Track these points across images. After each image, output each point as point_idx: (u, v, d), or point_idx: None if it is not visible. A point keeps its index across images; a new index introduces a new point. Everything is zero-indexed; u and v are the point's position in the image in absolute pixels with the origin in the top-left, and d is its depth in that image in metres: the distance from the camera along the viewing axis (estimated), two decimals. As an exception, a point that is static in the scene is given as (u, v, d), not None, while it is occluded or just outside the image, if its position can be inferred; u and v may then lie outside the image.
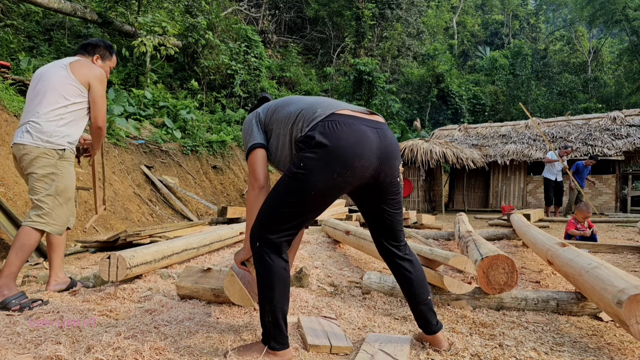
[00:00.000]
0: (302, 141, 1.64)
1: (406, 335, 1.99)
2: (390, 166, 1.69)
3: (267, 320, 1.66)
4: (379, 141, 1.64)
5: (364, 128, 1.62)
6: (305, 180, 1.58)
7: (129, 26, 13.31)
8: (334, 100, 1.79)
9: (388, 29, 20.58)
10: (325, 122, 1.61)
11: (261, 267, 1.65)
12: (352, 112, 1.66)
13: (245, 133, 1.88)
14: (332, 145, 1.56)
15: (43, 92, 2.64)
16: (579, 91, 24.24)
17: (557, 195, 8.94)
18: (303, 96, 1.88)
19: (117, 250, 2.79)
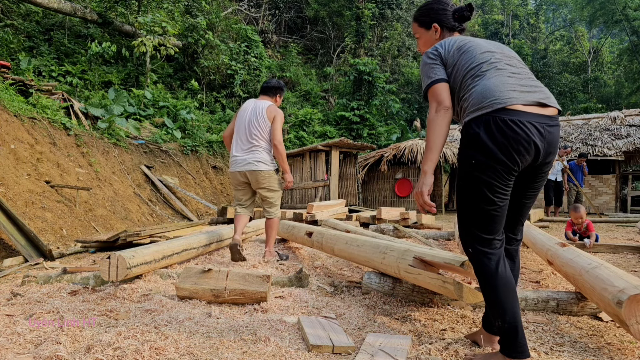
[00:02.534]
0: (467, 131, 1.66)
1: (406, 335, 1.99)
2: (546, 162, 1.70)
3: (498, 325, 1.63)
4: (543, 140, 1.62)
5: (530, 128, 1.59)
6: (478, 179, 1.62)
7: (129, 26, 13.31)
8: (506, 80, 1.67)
9: (388, 29, 20.58)
10: (490, 118, 1.60)
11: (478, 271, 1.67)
12: (522, 107, 1.60)
13: (425, 68, 1.80)
14: (495, 148, 1.58)
15: None
16: (579, 91, 24.25)
17: (557, 195, 8.94)
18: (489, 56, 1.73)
19: (117, 250, 2.79)
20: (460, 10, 1.92)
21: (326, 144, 10.77)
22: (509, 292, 1.61)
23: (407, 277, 2.39)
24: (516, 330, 1.58)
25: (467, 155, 1.66)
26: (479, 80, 1.68)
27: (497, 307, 1.62)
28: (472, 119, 1.65)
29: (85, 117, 9.45)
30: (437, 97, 1.72)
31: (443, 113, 1.69)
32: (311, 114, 16.05)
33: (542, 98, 1.65)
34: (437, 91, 1.72)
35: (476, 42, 1.79)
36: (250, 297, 2.44)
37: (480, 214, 1.66)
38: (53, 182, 6.56)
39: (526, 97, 1.63)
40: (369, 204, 13.56)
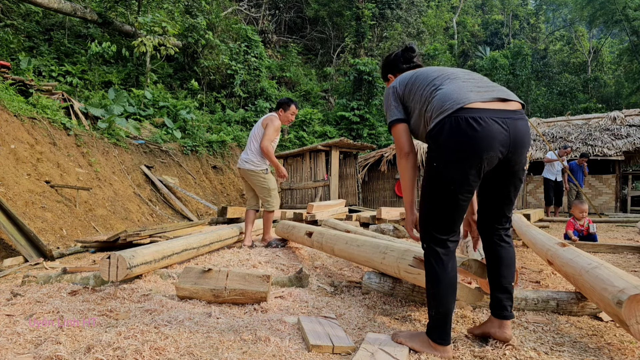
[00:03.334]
0: (431, 137, 1.73)
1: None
2: (519, 154, 1.74)
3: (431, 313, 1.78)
4: (508, 132, 1.66)
5: (492, 123, 1.64)
6: (442, 178, 1.70)
7: (129, 26, 13.32)
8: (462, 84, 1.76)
9: (388, 29, 20.58)
10: (452, 118, 1.65)
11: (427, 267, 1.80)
12: (482, 105, 1.67)
13: (385, 106, 2.01)
14: (460, 143, 1.64)
15: None
16: (579, 91, 24.24)
17: (557, 195, 8.94)
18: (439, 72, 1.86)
19: (117, 250, 2.79)
20: (403, 54, 2.18)
21: (326, 144, 10.77)
22: (450, 290, 1.75)
23: (407, 277, 2.39)
24: (445, 322, 1.75)
25: (432, 157, 1.74)
26: (436, 92, 1.77)
27: (435, 300, 1.76)
28: (435, 124, 1.71)
29: (85, 117, 9.45)
30: (398, 143, 1.90)
31: (405, 159, 1.88)
32: (311, 114, 16.05)
33: (501, 95, 1.71)
34: (396, 135, 1.91)
35: (427, 69, 1.95)
36: (250, 297, 2.44)
37: (439, 214, 1.75)
38: (53, 182, 6.56)
39: (484, 95, 1.70)
40: (369, 204, 13.56)
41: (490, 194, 1.88)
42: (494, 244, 1.93)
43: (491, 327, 1.91)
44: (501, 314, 1.88)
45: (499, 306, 1.89)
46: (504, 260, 1.91)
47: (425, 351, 1.77)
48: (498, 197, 1.87)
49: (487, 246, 1.96)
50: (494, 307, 1.92)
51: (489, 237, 1.95)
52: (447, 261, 1.75)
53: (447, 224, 1.75)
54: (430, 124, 1.75)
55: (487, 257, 1.96)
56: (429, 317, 1.80)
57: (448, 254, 1.76)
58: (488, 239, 1.95)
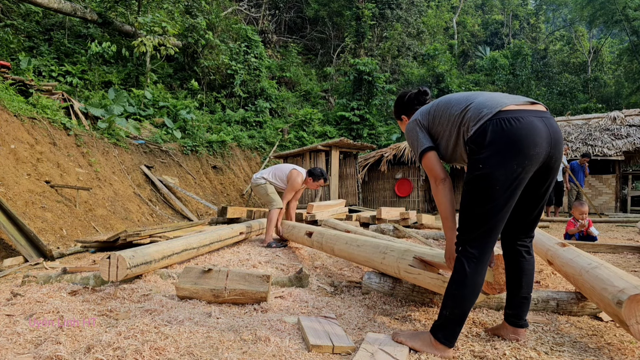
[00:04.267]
0: (474, 141, 1.72)
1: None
2: (559, 149, 1.77)
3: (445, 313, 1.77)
4: (547, 128, 1.71)
5: (532, 119, 1.69)
6: (488, 178, 1.67)
7: (129, 26, 13.32)
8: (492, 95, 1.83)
9: (388, 29, 20.57)
10: (493, 121, 1.69)
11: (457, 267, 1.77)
12: (517, 107, 1.72)
13: (411, 140, 1.99)
14: (506, 141, 1.65)
15: None
16: (579, 91, 24.22)
17: (557, 195, 8.93)
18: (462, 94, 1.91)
19: (117, 250, 2.80)
20: (417, 97, 2.22)
21: (326, 144, 10.77)
22: (473, 295, 1.75)
23: (407, 277, 2.39)
24: (456, 325, 1.74)
25: (477, 160, 1.71)
26: (469, 106, 1.81)
27: (454, 301, 1.75)
28: (476, 129, 1.72)
29: (85, 117, 9.45)
30: (433, 172, 1.89)
31: (442, 185, 1.87)
32: (311, 114, 16.05)
33: (528, 100, 1.77)
34: (429, 164, 1.90)
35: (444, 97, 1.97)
36: (250, 297, 2.43)
37: (481, 217, 1.71)
38: (53, 182, 6.56)
39: (515, 100, 1.76)
40: (369, 204, 13.56)
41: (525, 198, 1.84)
42: (518, 254, 1.94)
43: (505, 333, 1.95)
44: (518, 323, 1.94)
45: (516, 315, 1.94)
46: (527, 272, 1.94)
47: (426, 350, 1.77)
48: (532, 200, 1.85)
49: (511, 257, 1.97)
50: (510, 316, 1.95)
51: (512, 248, 1.96)
52: (479, 266, 1.74)
53: (487, 227, 1.71)
54: (469, 131, 1.75)
55: (509, 267, 1.97)
56: (440, 316, 1.78)
57: (481, 260, 1.74)
58: (511, 250, 1.96)
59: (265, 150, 14.06)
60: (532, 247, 1.98)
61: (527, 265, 1.93)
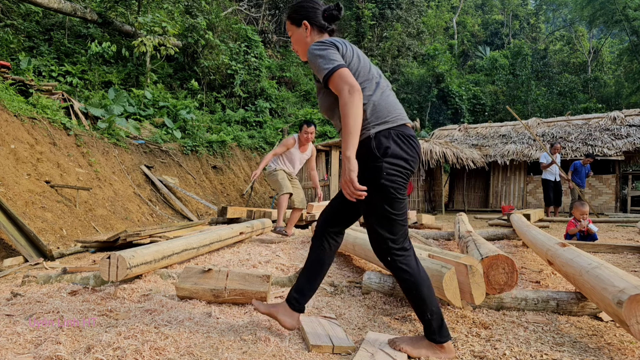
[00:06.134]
0: (376, 145, 1.76)
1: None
2: None
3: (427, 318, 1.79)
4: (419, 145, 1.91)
5: (417, 142, 1.88)
6: (391, 186, 1.76)
7: (129, 26, 13.31)
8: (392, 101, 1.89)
9: (388, 29, 20.57)
10: (398, 132, 1.80)
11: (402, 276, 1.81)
12: (410, 124, 1.89)
13: (323, 55, 1.78)
14: (406, 158, 1.79)
15: None
16: (579, 91, 24.22)
17: (557, 196, 8.92)
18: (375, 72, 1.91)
19: (117, 250, 2.79)
20: (329, 10, 1.98)
21: (326, 144, 10.76)
22: (431, 287, 1.83)
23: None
24: (442, 317, 1.79)
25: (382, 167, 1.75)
26: (378, 96, 1.83)
27: (425, 302, 1.78)
28: (379, 132, 1.78)
29: (85, 117, 9.45)
30: (348, 80, 1.71)
31: (358, 95, 1.70)
32: (311, 114, 16.05)
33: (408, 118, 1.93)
34: (345, 75, 1.72)
35: (363, 56, 1.95)
36: (250, 297, 2.43)
37: (394, 219, 1.79)
38: (53, 182, 6.56)
39: (407, 117, 1.90)
40: (369, 204, 13.54)
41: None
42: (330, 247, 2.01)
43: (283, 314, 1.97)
44: (299, 307, 1.98)
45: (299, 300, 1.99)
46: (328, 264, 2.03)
47: (433, 357, 1.75)
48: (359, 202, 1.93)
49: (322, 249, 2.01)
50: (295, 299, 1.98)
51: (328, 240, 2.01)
52: (416, 260, 1.83)
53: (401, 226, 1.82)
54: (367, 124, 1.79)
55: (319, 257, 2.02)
56: (426, 322, 1.78)
57: (411, 255, 1.83)
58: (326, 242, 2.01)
59: (265, 150, 14.06)
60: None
61: (329, 260, 2.02)
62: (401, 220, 1.80)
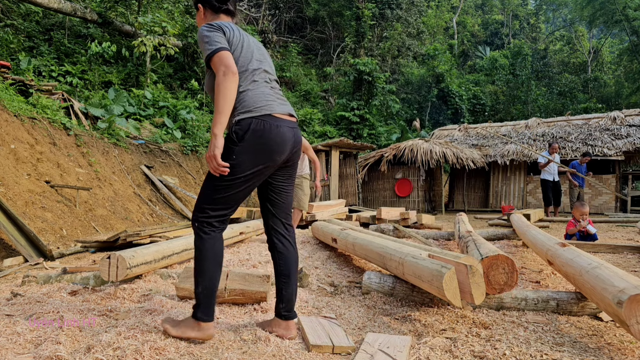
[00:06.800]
0: (235, 130, 1.84)
1: (406, 336, 1.99)
2: (297, 154, 2.03)
3: (198, 291, 1.85)
4: (294, 138, 1.96)
5: (286, 129, 1.91)
6: (235, 170, 1.81)
7: (129, 26, 13.31)
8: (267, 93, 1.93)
9: (388, 29, 20.56)
10: (260, 121, 1.85)
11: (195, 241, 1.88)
12: (281, 115, 1.91)
13: (209, 36, 1.86)
14: (261, 143, 1.84)
15: None
16: (579, 91, 24.20)
17: (556, 196, 8.91)
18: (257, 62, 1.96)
19: (117, 250, 2.79)
20: None
21: (326, 144, 10.76)
22: (217, 266, 1.87)
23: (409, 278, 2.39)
24: (212, 298, 1.84)
25: (234, 149, 1.83)
26: (249, 85, 1.91)
27: (203, 275, 1.84)
28: (239, 120, 1.85)
29: (85, 117, 9.45)
30: (225, 62, 1.79)
31: (231, 77, 1.78)
32: (311, 114, 16.04)
33: (290, 110, 1.98)
34: (224, 57, 1.80)
35: (252, 46, 1.99)
36: (250, 297, 2.44)
37: (222, 199, 1.85)
38: (53, 182, 6.56)
39: (281, 108, 1.93)
40: (369, 204, 13.56)
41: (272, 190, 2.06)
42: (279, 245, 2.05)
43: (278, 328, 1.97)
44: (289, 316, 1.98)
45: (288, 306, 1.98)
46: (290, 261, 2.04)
47: (188, 334, 1.80)
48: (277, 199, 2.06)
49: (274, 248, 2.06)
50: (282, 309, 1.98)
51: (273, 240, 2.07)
52: (217, 241, 1.88)
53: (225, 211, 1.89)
54: (235, 114, 1.85)
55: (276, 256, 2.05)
56: (196, 295, 1.85)
57: (217, 236, 1.89)
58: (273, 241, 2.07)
59: (265, 150, 14.05)
60: (293, 240, 2.07)
61: (288, 255, 2.02)
62: (228, 204, 1.87)
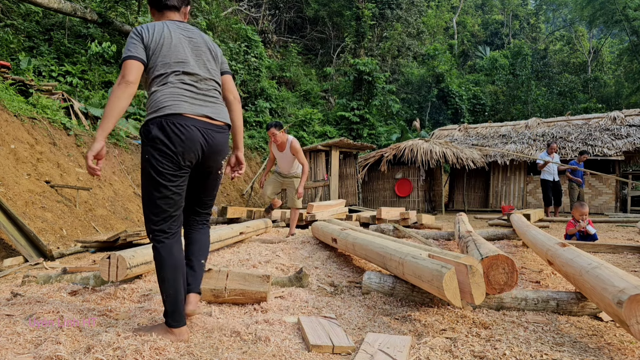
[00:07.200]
0: (143, 130, 1.91)
1: (406, 336, 1.99)
2: (214, 159, 2.01)
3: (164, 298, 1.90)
4: (206, 142, 1.94)
5: (194, 130, 1.91)
6: (151, 169, 1.87)
7: (129, 26, 13.30)
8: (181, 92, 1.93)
9: (388, 29, 20.56)
10: (167, 121, 1.87)
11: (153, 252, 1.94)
12: (191, 115, 1.91)
13: (127, 43, 1.96)
14: (168, 144, 1.86)
15: None
16: (579, 91, 24.20)
17: (556, 195, 8.91)
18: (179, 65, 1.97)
19: (117, 250, 2.79)
20: None
21: (326, 144, 10.76)
22: (177, 272, 1.90)
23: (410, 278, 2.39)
24: (177, 303, 1.87)
25: (145, 150, 1.90)
26: (161, 87, 1.93)
27: (165, 283, 1.88)
28: (149, 120, 1.90)
29: (86, 117, 9.44)
30: (124, 71, 1.86)
31: (124, 87, 1.84)
32: (311, 114, 16.05)
33: (209, 113, 1.97)
34: (126, 66, 1.87)
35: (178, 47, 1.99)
36: (250, 297, 2.44)
37: (156, 202, 1.90)
38: (53, 182, 6.56)
39: (194, 109, 1.93)
40: (369, 204, 13.56)
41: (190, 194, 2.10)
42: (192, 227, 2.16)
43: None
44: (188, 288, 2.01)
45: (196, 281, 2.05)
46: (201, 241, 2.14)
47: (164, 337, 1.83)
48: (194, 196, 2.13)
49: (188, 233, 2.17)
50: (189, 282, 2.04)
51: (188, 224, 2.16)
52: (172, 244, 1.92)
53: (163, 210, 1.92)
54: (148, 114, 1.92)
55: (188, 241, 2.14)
56: (164, 302, 1.89)
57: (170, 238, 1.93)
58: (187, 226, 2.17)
59: (265, 150, 14.05)
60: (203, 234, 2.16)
61: (198, 236, 2.12)
62: (164, 203, 1.89)
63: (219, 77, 2.13)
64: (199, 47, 2.06)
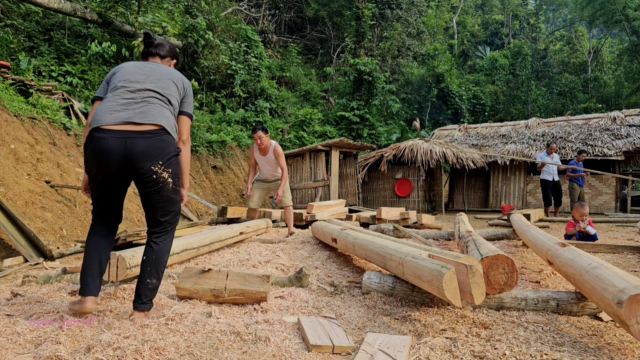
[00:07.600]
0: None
1: (406, 335, 1.99)
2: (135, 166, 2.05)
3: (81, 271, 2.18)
4: (124, 148, 2.02)
5: (111, 141, 2.02)
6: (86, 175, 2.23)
7: (129, 26, 13.30)
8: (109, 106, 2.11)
9: (388, 29, 20.56)
10: (90, 134, 2.08)
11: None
12: (110, 127, 2.05)
13: None
14: (88, 154, 2.10)
15: None
16: (579, 91, 24.21)
17: (556, 195, 8.91)
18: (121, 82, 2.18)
19: (117, 250, 2.79)
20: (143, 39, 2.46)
21: (326, 144, 10.77)
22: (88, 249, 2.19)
23: (409, 278, 2.39)
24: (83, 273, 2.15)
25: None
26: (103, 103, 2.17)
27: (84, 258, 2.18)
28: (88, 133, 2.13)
29: (86, 117, 9.44)
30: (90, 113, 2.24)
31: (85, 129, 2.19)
32: (311, 114, 16.05)
33: (134, 116, 2.07)
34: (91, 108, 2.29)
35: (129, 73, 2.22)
36: (250, 297, 2.44)
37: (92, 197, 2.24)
38: (53, 182, 6.56)
39: (114, 119, 2.06)
40: (369, 204, 13.56)
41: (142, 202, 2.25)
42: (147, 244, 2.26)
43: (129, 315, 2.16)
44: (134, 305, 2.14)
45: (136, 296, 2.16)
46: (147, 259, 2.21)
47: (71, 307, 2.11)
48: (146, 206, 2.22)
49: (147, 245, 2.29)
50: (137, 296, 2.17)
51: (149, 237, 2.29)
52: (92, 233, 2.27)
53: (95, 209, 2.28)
54: None
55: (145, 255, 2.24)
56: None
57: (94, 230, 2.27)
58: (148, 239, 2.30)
59: (265, 150, 14.04)
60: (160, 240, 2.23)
61: (149, 254, 2.20)
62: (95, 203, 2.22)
63: (170, 95, 2.22)
64: (155, 72, 2.23)
